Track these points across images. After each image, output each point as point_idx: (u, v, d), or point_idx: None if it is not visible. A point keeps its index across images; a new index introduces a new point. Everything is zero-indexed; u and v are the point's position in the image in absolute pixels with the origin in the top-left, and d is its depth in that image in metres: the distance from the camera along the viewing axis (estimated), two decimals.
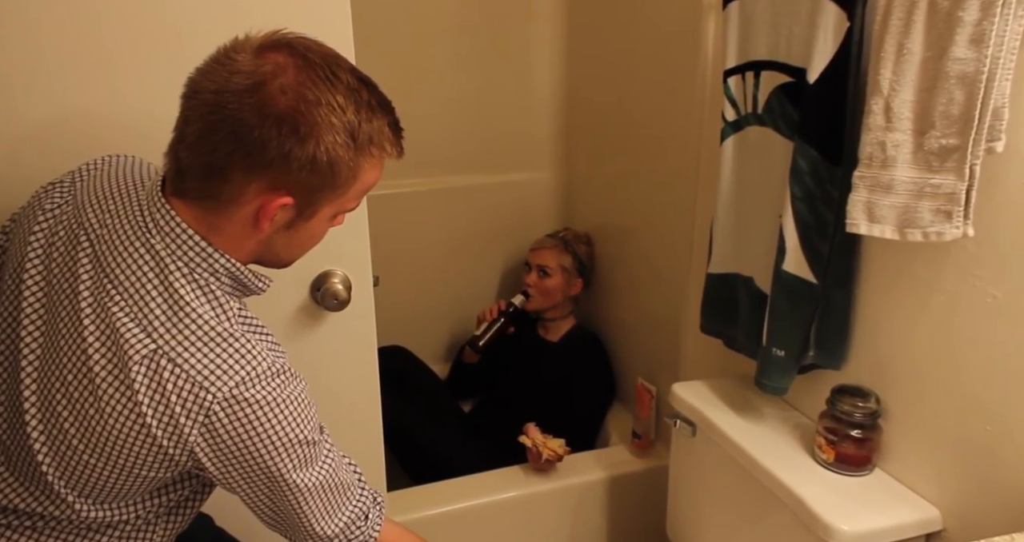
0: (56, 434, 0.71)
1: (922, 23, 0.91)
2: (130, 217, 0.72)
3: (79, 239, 0.72)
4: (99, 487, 0.74)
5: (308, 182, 0.70)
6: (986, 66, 0.85)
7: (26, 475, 0.74)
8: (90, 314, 0.69)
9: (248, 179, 0.69)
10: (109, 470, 0.72)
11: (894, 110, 0.95)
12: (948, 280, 0.99)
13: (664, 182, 1.69)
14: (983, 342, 0.95)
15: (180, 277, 0.71)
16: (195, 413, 0.69)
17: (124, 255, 0.71)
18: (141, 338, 0.68)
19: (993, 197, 0.92)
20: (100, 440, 0.70)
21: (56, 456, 0.72)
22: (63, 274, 0.72)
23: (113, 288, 0.69)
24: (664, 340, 1.72)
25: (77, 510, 0.75)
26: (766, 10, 1.16)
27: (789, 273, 1.13)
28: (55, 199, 0.77)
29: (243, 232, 0.73)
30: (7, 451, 0.74)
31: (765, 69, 1.18)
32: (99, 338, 0.69)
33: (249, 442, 0.71)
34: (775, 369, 1.18)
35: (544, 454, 1.62)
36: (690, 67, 1.47)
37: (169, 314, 0.69)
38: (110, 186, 0.77)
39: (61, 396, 0.70)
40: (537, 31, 2.08)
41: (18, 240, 0.77)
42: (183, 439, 0.69)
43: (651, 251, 1.79)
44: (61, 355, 0.70)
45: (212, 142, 0.67)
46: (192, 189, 0.71)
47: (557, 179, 2.22)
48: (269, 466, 0.73)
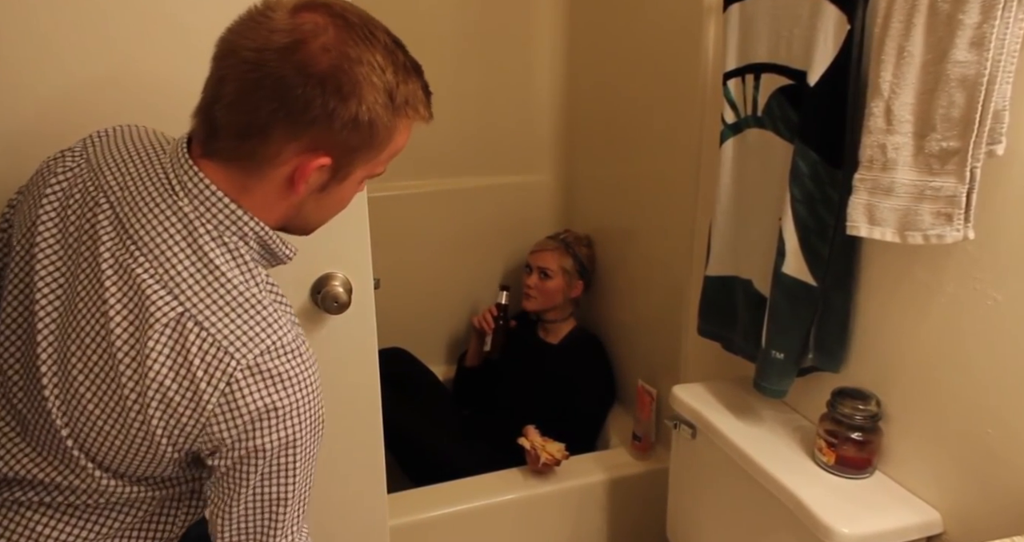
0: (73, 400, 0.69)
1: (922, 26, 0.91)
2: (154, 179, 0.71)
3: (98, 201, 0.70)
4: (117, 457, 0.71)
5: (347, 142, 0.69)
6: (987, 69, 0.85)
7: (44, 443, 0.72)
8: (111, 276, 0.67)
9: (288, 139, 0.68)
10: (123, 438, 0.69)
11: (895, 113, 0.95)
12: (948, 283, 0.99)
13: (664, 184, 1.69)
14: (984, 345, 0.95)
15: (209, 240, 0.69)
16: (217, 379, 0.66)
17: (149, 217, 0.69)
18: (168, 300, 0.66)
19: (994, 200, 0.92)
20: (116, 406, 0.68)
21: (74, 422, 0.70)
22: (81, 237, 0.70)
23: (137, 250, 0.68)
24: (664, 342, 1.72)
25: (97, 478, 0.72)
26: (767, 13, 1.16)
27: (789, 275, 1.13)
28: (67, 163, 0.75)
29: (276, 194, 0.71)
30: (23, 420, 0.72)
31: (765, 71, 1.18)
32: (121, 300, 0.67)
33: (266, 415, 0.68)
34: (774, 372, 1.18)
35: (542, 457, 1.62)
36: (690, 69, 1.47)
37: (197, 277, 0.67)
38: (128, 149, 0.75)
39: (78, 360, 0.68)
40: (537, 33, 2.08)
41: (27, 207, 0.75)
42: (201, 406, 0.67)
43: (651, 253, 1.79)
44: (79, 318, 0.68)
45: (253, 101, 0.66)
46: (226, 149, 0.69)
47: (557, 181, 2.22)
48: (275, 446, 0.70)
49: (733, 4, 1.22)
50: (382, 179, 0.78)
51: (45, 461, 0.72)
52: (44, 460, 0.72)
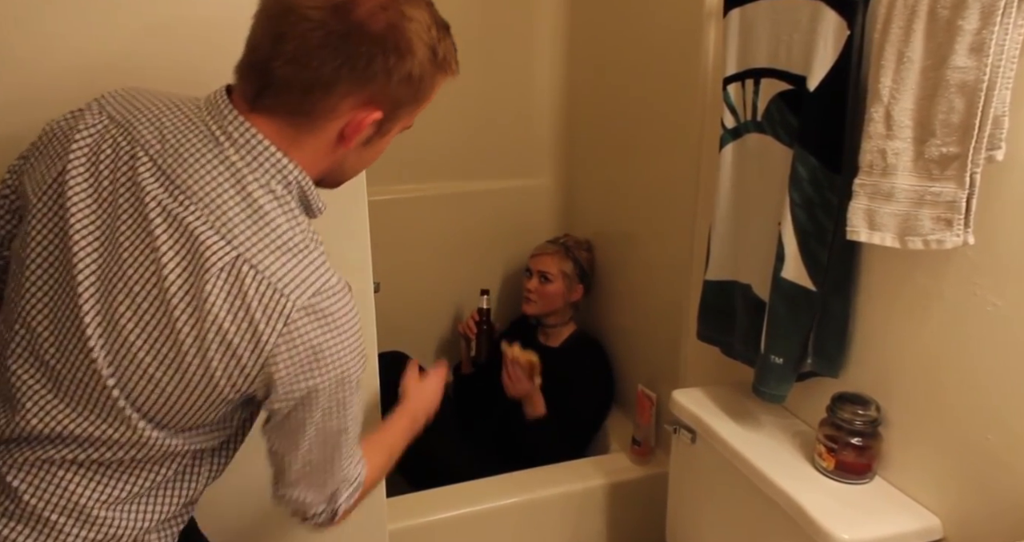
0: (123, 350, 0.70)
1: (922, 32, 0.91)
2: (196, 132, 0.72)
3: (135, 155, 0.71)
4: (166, 406, 0.72)
5: (399, 97, 0.74)
6: (986, 75, 0.85)
7: (83, 397, 0.72)
8: (161, 225, 0.69)
9: (347, 94, 0.71)
10: (177, 385, 0.71)
11: (894, 118, 0.95)
12: (948, 288, 0.99)
13: (664, 189, 1.69)
14: (984, 350, 0.95)
15: (258, 187, 0.71)
16: (275, 319, 0.68)
17: (196, 167, 0.70)
18: (221, 245, 0.68)
19: (993, 205, 0.92)
20: (171, 353, 0.69)
21: (122, 373, 0.71)
22: (118, 190, 0.71)
23: (187, 199, 0.69)
24: (664, 347, 1.72)
25: (140, 429, 0.73)
26: (766, 18, 1.17)
27: (788, 280, 1.13)
28: (88, 121, 0.75)
29: (325, 148, 0.74)
30: (56, 376, 0.72)
31: (765, 76, 1.19)
32: (173, 247, 0.68)
33: (322, 352, 0.71)
34: (773, 377, 1.17)
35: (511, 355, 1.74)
36: (690, 74, 1.48)
37: (248, 223, 0.69)
38: (155, 106, 0.76)
39: (127, 310, 0.69)
40: (538, 38, 2.09)
41: (43, 167, 0.75)
42: (260, 347, 0.69)
43: (651, 257, 1.79)
44: (127, 269, 0.69)
45: (320, 57, 0.69)
46: (284, 104, 0.72)
47: (557, 185, 2.23)
48: (332, 382, 0.73)
49: (733, 9, 1.22)
50: (383, 182, 0.80)
51: (81, 416, 0.73)
52: (80, 415, 0.73)
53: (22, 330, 0.73)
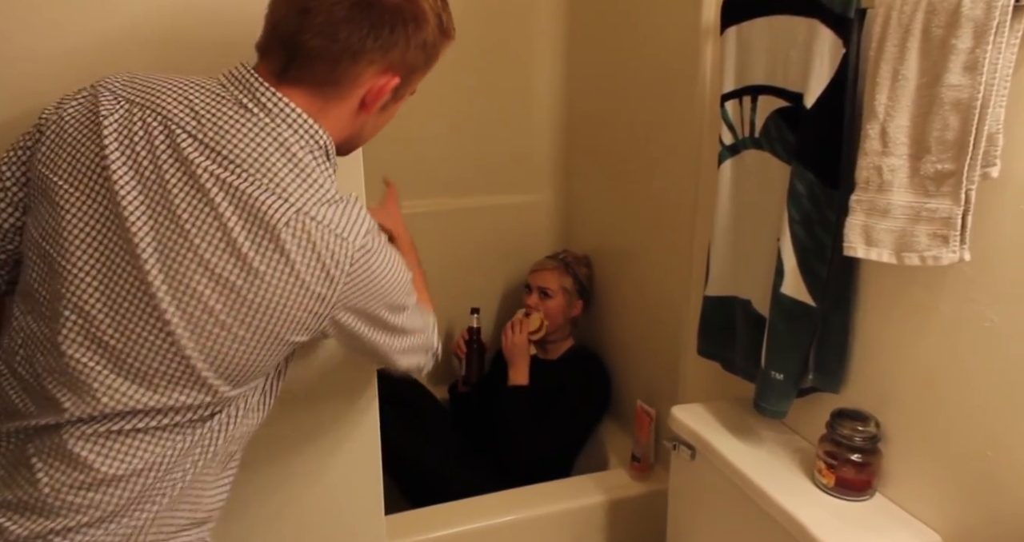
0: (203, 318, 0.74)
1: (916, 50, 0.92)
2: (230, 106, 0.77)
3: (172, 133, 0.75)
4: (242, 364, 0.77)
5: (414, 63, 0.81)
6: (980, 92, 0.86)
7: (154, 372, 0.75)
8: (219, 193, 0.73)
9: (371, 62, 0.78)
10: (255, 342, 0.76)
11: (890, 135, 0.96)
12: (946, 304, 0.99)
13: (663, 204, 1.69)
14: (982, 366, 0.95)
15: (299, 150, 0.77)
16: (342, 261, 0.76)
17: (238, 137, 0.75)
18: (280, 205, 0.74)
19: (989, 222, 0.92)
20: (253, 310, 0.75)
21: (203, 338, 0.75)
22: (162, 168, 0.75)
23: (236, 167, 0.74)
24: (663, 362, 1.71)
25: (213, 388, 0.78)
26: (763, 36, 1.18)
27: (787, 296, 1.13)
28: (108, 106, 0.77)
29: (349, 115, 0.81)
30: (115, 353, 0.75)
31: (762, 93, 1.20)
32: (237, 213, 0.73)
33: (382, 279, 0.80)
34: (774, 392, 1.17)
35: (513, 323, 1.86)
36: (688, 91, 1.49)
37: (298, 181, 0.75)
38: (176, 86, 0.79)
39: (202, 278, 0.73)
40: (537, 54, 2.10)
41: (67, 154, 0.77)
42: (333, 287, 0.77)
43: (650, 273, 1.79)
44: (194, 240, 0.73)
45: (347, 29, 0.75)
46: (313, 75, 0.77)
47: (556, 201, 2.23)
48: (394, 296, 0.83)
49: (730, 27, 1.24)
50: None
51: (151, 389, 0.76)
52: (150, 389, 0.76)
53: (73, 315, 0.75)
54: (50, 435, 0.75)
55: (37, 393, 0.76)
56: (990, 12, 0.83)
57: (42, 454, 0.75)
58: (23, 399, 0.76)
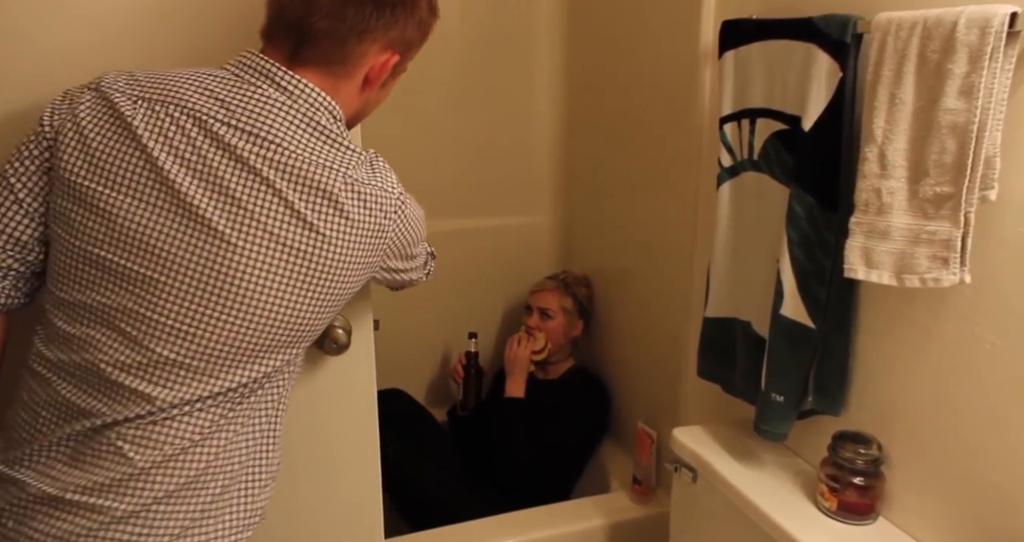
0: (281, 284, 0.79)
1: (912, 74, 0.93)
2: (253, 93, 0.81)
3: (204, 123, 0.79)
4: (304, 329, 0.84)
5: (411, 41, 0.88)
6: (976, 116, 0.87)
7: (235, 348, 0.80)
8: (272, 172, 0.79)
9: (374, 40, 0.83)
10: (329, 295, 0.83)
11: (888, 158, 0.97)
12: (947, 326, 0.99)
13: (662, 226, 1.70)
14: (984, 389, 0.95)
15: (327, 123, 0.83)
16: (391, 213, 0.85)
17: (271, 120, 0.80)
18: (329, 173, 0.80)
19: (989, 244, 0.93)
20: (325, 269, 0.81)
21: (283, 304, 0.80)
22: (205, 155, 0.78)
23: (278, 147, 0.79)
24: (664, 384, 1.71)
25: (291, 349, 0.85)
26: (761, 60, 1.19)
27: (787, 318, 1.13)
28: (128, 107, 0.79)
29: (354, 92, 0.87)
30: (202, 340, 0.79)
31: (760, 116, 1.21)
32: (293, 186, 0.79)
33: (416, 220, 0.91)
34: (774, 415, 1.17)
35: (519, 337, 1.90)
36: (687, 113, 1.50)
37: (334, 150, 0.82)
38: (194, 79, 0.82)
39: (275, 250, 0.79)
40: (536, 76, 2.12)
41: (96, 151, 0.79)
42: (386, 235, 0.85)
43: (649, 294, 1.79)
44: (259, 217, 0.78)
45: (352, 9, 0.81)
46: (322, 55, 0.83)
47: (556, 222, 2.24)
48: (419, 230, 0.93)
49: (728, 51, 1.25)
50: None
51: (234, 366, 0.81)
52: (232, 366, 0.81)
53: (152, 312, 0.78)
54: (136, 423, 0.79)
55: (113, 390, 0.79)
56: (984, 38, 0.84)
57: (127, 438, 0.79)
58: (91, 399, 0.80)
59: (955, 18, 0.87)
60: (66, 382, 0.81)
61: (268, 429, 0.90)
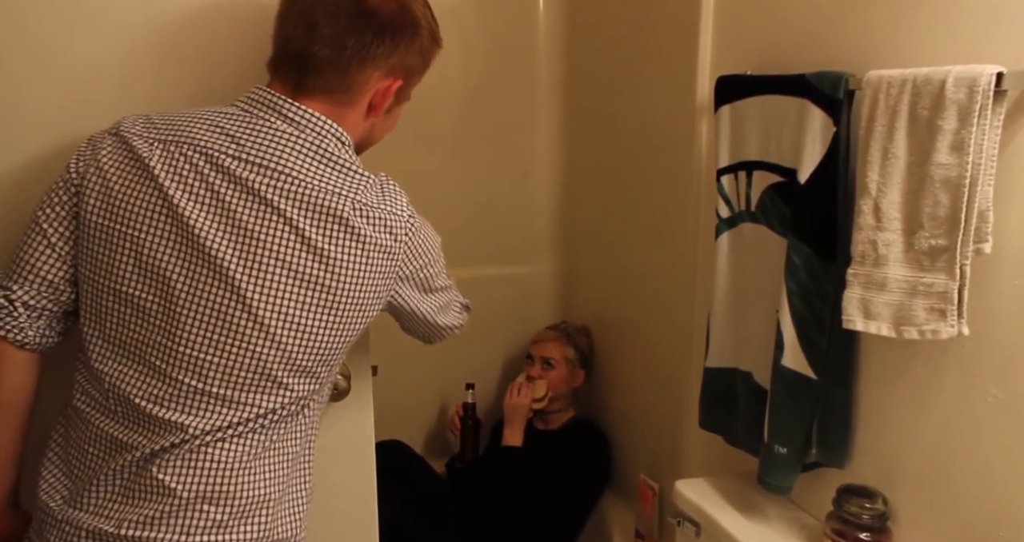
0: (294, 313, 0.81)
1: (904, 130, 0.95)
2: (262, 127, 0.84)
3: (215, 159, 0.82)
4: (322, 354, 0.85)
5: (412, 67, 0.90)
6: (968, 171, 0.88)
7: (253, 377, 0.82)
8: (285, 203, 0.81)
9: (376, 67, 0.86)
10: (342, 321, 0.85)
11: (883, 211, 0.98)
12: (949, 378, 0.99)
13: (662, 276, 1.71)
14: (988, 442, 0.94)
15: (335, 151, 0.85)
16: (400, 235, 0.86)
17: (280, 152, 0.83)
18: (338, 199, 0.82)
19: (986, 297, 0.93)
20: (336, 295, 0.82)
21: (298, 333, 0.82)
22: (219, 191, 0.81)
23: (291, 179, 0.82)
24: (666, 435, 1.69)
25: (315, 376, 0.86)
26: (756, 114, 1.22)
27: (788, 368, 1.13)
28: (145, 149, 0.83)
29: (358, 119, 0.89)
30: (224, 370, 0.81)
31: (757, 169, 1.23)
32: (304, 214, 0.81)
33: (428, 241, 0.91)
34: (777, 467, 1.15)
35: (519, 385, 1.88)
36: (685, 165, 1.52)
37: (342, 175, 0.84)
38: (204, 118, 0.85)
39: (287, 278, 0.81)
40: (537, 128, 2.16)
41: (119, 192, 0.82)
42: (396, 257, 0.86)
43: (650, 344, 1.79)
44: (271, 246, 0.80)
45: (352, 37, 0.83)
46: (326, 84, 0.85)
47: (556, 272, 2.25)
48: (437, 255, 0.93)
49: (724, 105, 1.28)
50: None
51: (256, 393, 0.83)
52: (255, 393, 0.83)
53: (176, 344, 0.81)
54: (174, 453, 0.82)
55: (148, 422, 0.82)
56: (972, 96, 0.86)
57: (167, 470, 0.82)
58: (129, 432, 0.83)
59: (943, 77, 0.89)
60: (107, 417, 0.84)
61: (302, 459, 0.91)
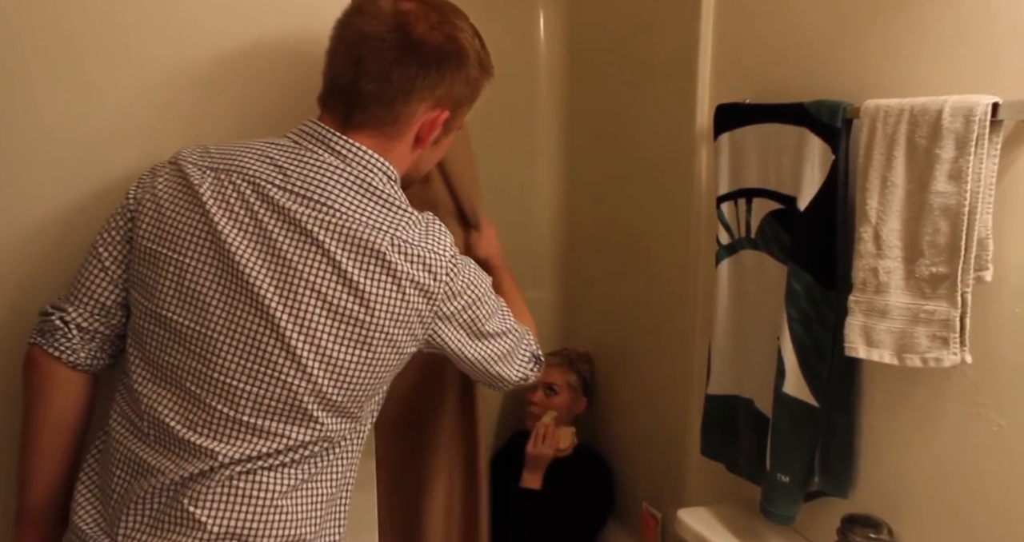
0: (327, 345, 0.81)
1: (903, 158, 0.96)
2: (310, 159, 0.85)
3: (261, 188, 0.83)
4: (362, 383, 0.84)
5: (460, 98, 0.89)
6: (967, 200, 0.89)
7: (284, 408, 0.82)
8: (320, 232, 0.81)
9: (422, 99, 0.86)
10: (375, 357, 0.83)
11: (883, 238, 0.98)
12: (952, 407, 0.98)
13: (663, 303, 1.70)
14: (993, 472, 0.93)
15: (380, 186, 0.86)
16: (440, 274, 0.85)
17: (325, 184, 0.83)
18: (378, 234, 0.82)
19: (988, 325, 0.93)
20: (368, 330, 0.82)
21: (330, 366, 0.81)
22: (262, 221, 0.82)
23: (330, 209, 0.82)
24: (668, 463, 1.67)
25: (327, 424, 0.85)
26: (755, 142, 1.22)
27: (789, 395, 1.12)
28: (197, 177, 0.85)
29: (406, 151, 0.89)
30: (255, 398, 0.81)
31: (756, 196, 1.23)
32: (342, 247, 0.81)
33: (470, 283, 0.88)
34: (781, 496, 1.14)
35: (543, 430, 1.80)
36: (685, 192, 1.53)
37: (385, 210, 0.84)
38: (255, 149, 0.86)
39: (322, 310, 0.80)
40: (537, 155, 2.17)
41: (171, 225, 0.84)
42: (434, 299, 0.85)
43: (651, 371, 1.78)
44: (307, 277, 0.81)
45: (398, 71, 0.84)
46: (374, 118, 0.86)
47: (557, 299, 2.24)
48: (481, 296, 0.91)
49: (723, 133, 1.29)
50: None
51: (287, 424, 0.83)
52: (284, 424, 0.83)
53: (209, 369, 0.82)
54: (202, 482, 0.82)
55: (178, 446, 0.82)
56: (969, 126, 0.87)
57: (196, 502, 0.81)
58: (159, 456, 0.83)
59: (940, 106, 0.90)
60: (138, 440, 0.84)
61: (338, 502, 0.90)
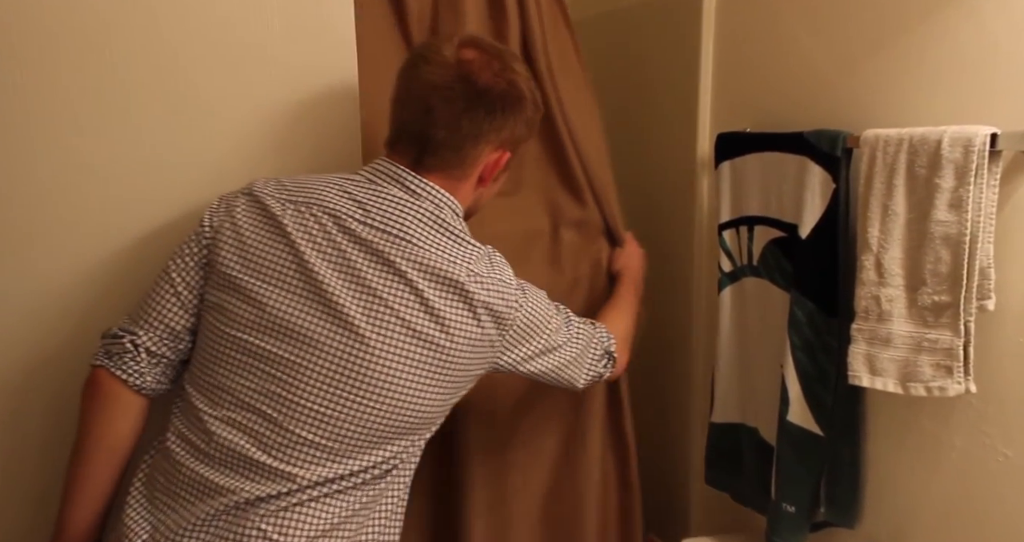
0: (409, 369, 0.84)
1: (903, 187, 0.96)
2: (386, 195, 0.89)
3: (342, 221, 0.87)
4: (432, 408, 0.88)
5: (520, 138, 0.95)
6: (968, 229, 0.89)
7: (365, 432, 0.85)
8: (403, 263, 0.85)
9: (488, 142, 0.91)
10: (451, 380, 0.87)
11: (885, 266, 0.98)
12: (957, 436, 0.97)
13: (665, 330, 1.70)
14: (1000, 503, 0.92)
15: (448, 217, 0.90)
16: (512, 302, 0.90)
17: (403, 219, 0.87)
18: (457, 268, 0.87)
19: (992, 354, 0.92)
20: (448, 355, 0.86)
21: (409, 390, 0.85)
22: (346, 252, 0.86)
23: (414, 246, 0.86)
24: (672, 492, 1.66)
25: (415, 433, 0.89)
26: (756, 170, 1.23)
27: (794, 424, 1.12)
28: (278, 208, 0.88)
29: (469, 190, 0.94)
30: (336, 422, 0.84)
31: (758, 224, 1.23)
32: (425, 279, 0.85)
33: (536, 308, 0.93)
34: (786, 526, 1.13)
35: None
36: (687, 220, 1.53)
37: (457, 245, 0.89)
38: (332, 184, 0.91)
39: (407, 337, 0.84)
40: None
41: (252, 246, 0.87)
42: (511, 326, 0.90)
43: (653, 400, 1.77)
44: (393, 306, 0.84)
45: (467, 118, 0.89)
46: (443, 161, 0.91)
47: None
48: (551, 323, 0.96)
49: (724, 162, 1.30)
50: None
51: (364, 449, 0.86)
52: (363, 448, 0.86)
53: (296, 396, 0.84)
54: (278, 504, 0.83)
55: (253, 469, 0.84)
56: (968, 156, 0.88)
57: (271, 521, 0.83)
58: (229, 478, 0.84)
59: (939, 136, 0.91)
60: (202, 461, 0.85)
61: (395, 518, 0.93)
